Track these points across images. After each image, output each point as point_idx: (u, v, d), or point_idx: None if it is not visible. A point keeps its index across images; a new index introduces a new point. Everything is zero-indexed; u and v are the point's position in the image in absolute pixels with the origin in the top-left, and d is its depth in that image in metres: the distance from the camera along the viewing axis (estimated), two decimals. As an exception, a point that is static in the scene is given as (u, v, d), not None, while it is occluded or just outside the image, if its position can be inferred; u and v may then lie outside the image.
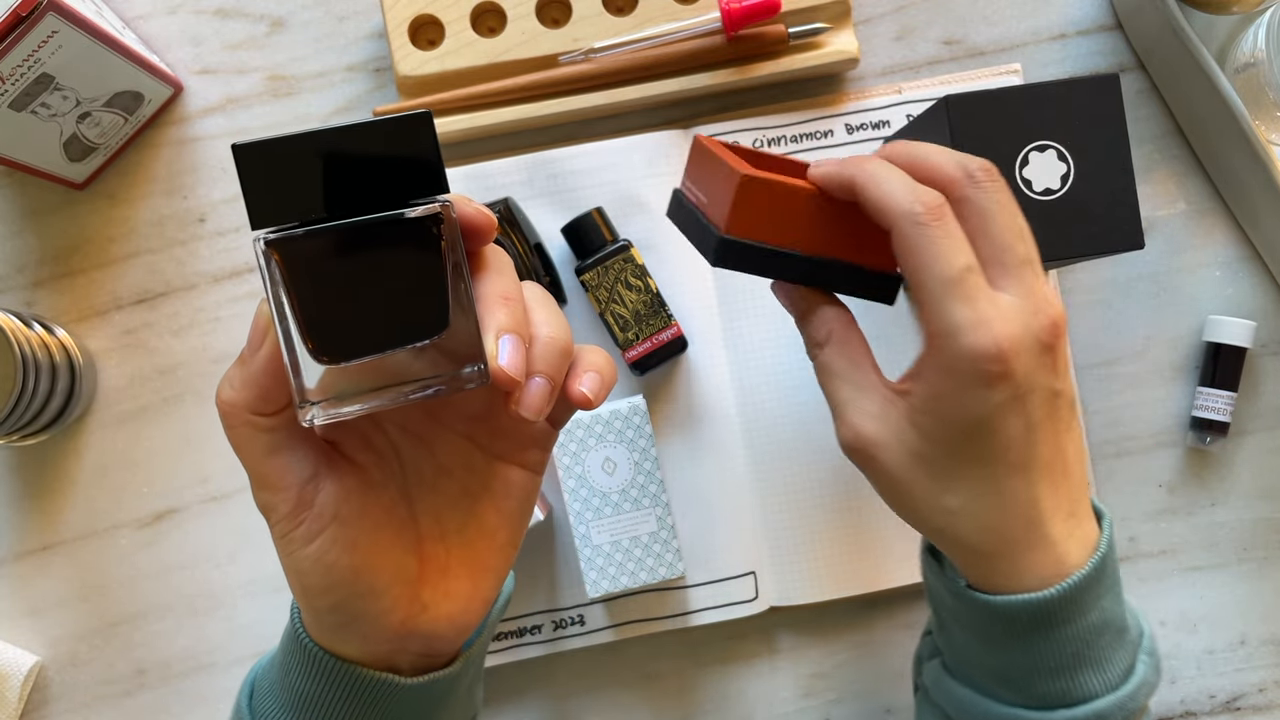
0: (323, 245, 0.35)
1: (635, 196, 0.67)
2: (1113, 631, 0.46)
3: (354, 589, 0.40)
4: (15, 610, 0.68)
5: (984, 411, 0.42)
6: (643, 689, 0.69)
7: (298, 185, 0.35)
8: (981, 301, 0.42)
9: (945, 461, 0.44)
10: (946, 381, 0.43)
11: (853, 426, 0.46)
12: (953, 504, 0.44)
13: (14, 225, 0.69)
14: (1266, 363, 0.70)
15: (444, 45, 0.67)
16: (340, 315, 0.36)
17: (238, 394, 0.39)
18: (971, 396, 0.42)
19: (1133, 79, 0.70)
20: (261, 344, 0.38)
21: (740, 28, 0.66)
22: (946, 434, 0.43)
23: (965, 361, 0.42)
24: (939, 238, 0.42)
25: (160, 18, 0.70)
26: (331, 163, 0.35)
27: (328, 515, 0.40)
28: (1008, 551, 0.45)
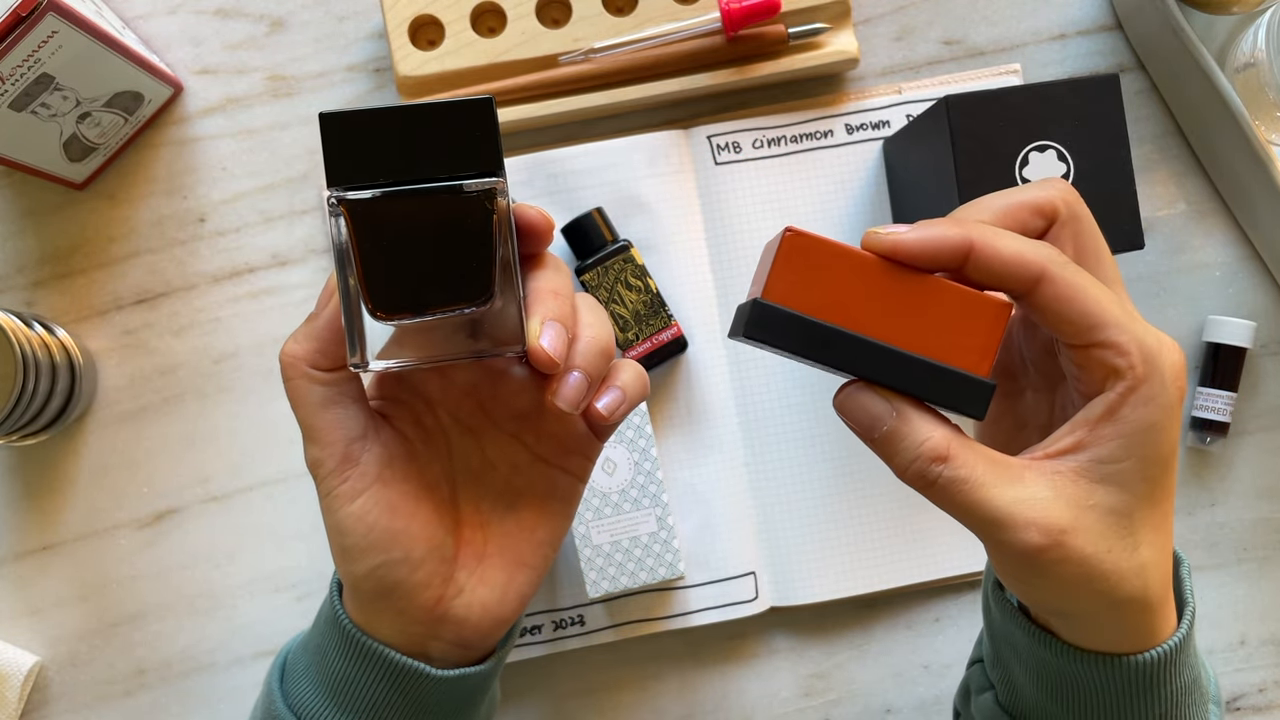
0: (386, 208, 0.38)
1: (635, 196, 0.67)
2: (1199, 690, 0.43)
3: (390, 554, 0.42)
4: (15, 610, 0.68)
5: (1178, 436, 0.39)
6: (643, 689, 0.69)
7: (370, 153, 0.38)
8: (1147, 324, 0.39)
9: (1142, 510, 0.38)
10: (1153, 412, 0.37)
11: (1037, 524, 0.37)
12: (1143, 558, 0.38)
13: (14, 225, 0.69)
14: (1266, 363, 0.70)
15: (444, 45, 0.67)
16: (396, 275, 0.39)
17: (299, 346, 0.41)
18: (1176, 420, 0.38)
19: (1133, 79, 0.70)
20: (329, 302, 0.41)
21: (740, 28, 0.66)
22: (1149, 473, 0.38)
23: (1172, 382, 0.38)
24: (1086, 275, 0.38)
25: (160, 18, 0.70)
26: (401, 135, 0.38)
27: (371, 475, 0.41)
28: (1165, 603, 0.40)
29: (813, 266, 0.37)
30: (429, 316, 0.39)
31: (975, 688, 0.49)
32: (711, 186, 0.68)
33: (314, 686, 0.44)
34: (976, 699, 0.49)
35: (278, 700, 0.45)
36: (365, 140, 0.38)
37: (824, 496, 0.67)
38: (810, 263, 0.37)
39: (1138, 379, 0.37)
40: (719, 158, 0.69)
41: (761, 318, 0.37)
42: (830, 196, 0.69)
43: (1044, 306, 0.37)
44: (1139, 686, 0.40)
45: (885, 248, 0.37)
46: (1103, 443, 0.38)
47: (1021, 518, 0.37)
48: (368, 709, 0.43)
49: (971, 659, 0.52)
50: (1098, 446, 0.38)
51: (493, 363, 0.44)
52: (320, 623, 0.46)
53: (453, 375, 0.45)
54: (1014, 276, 0.37)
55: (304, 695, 0.45)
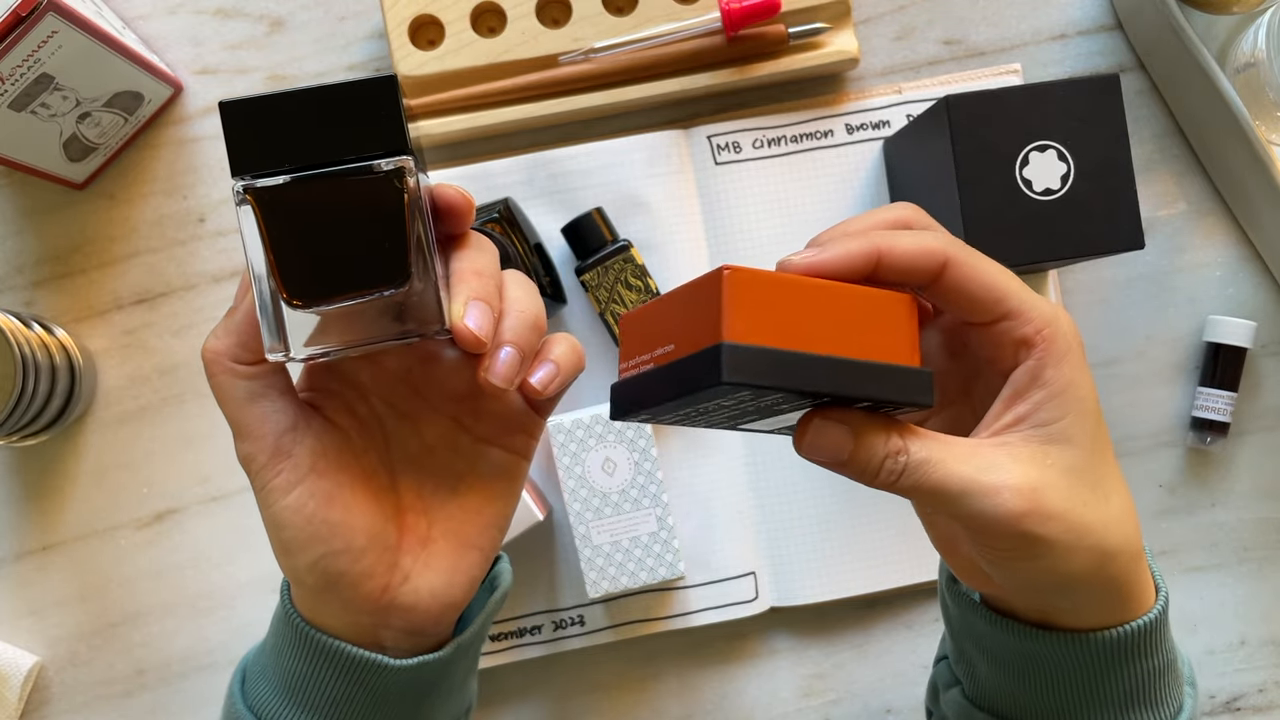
0: (293, 194, 0.38)
1: (635, 196, 0.67)
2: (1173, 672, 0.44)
3: (331, 545, 0.41)
4: (15, 610, 0.68)
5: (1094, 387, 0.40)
6: (643, 689, 0.69)
7: (274, 139, 0.38)
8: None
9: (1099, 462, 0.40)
10: (1068, 369, 0.39)
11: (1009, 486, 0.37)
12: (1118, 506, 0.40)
13: (14, 225, 0.69)
14: (1267, 363, 0.70)
15: (444, 45, 0.67)
16: (309, 261, 0.39)
17: (220, 342, 0.41)
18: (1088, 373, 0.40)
19: (1133, 79, 0.70)
20: (245, 295, 0.40)
21: (740, 28, 0.66)
22: (1088, 427, 0.39)
23: (1074, 339, 0.39)
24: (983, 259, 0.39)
25: (160, 18, 0.70)
26: (304, 119, 0.38)
27: (304, 467, 0.41)
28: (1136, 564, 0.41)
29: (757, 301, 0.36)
30: (346, 302, 0.39)
31: (942, 684, 0.50)
32: (711, 186, 0.68)
33: (272, 687, 0.44)
34: (944, 695, 0.50)
35: (238, 702, 0.45)
36: (268, 126, 0.38)
37: (824, 496, 0.67)
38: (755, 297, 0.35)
39: (1047, 340, 0.39)
40: (719, 158, 0.68)
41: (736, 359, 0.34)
42: (830, 196, 0.69)
43: (952, 288, 0.39)
44: (1107, 662, 0.41)
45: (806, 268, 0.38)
46: (1038, 408, 0.39)
47: (991, 484, 0.37)
48: (327, 705, 0.43)
49: (936, 657, 0.52)
50: (1036, 412, 0.39)
51: (424, 346, 0.44)
52: (274, 623, 0.45)
53: (384, 361, 0.44)
54: (921, 267, 0.39)
55: (263, 696, 0.44)
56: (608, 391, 0.67)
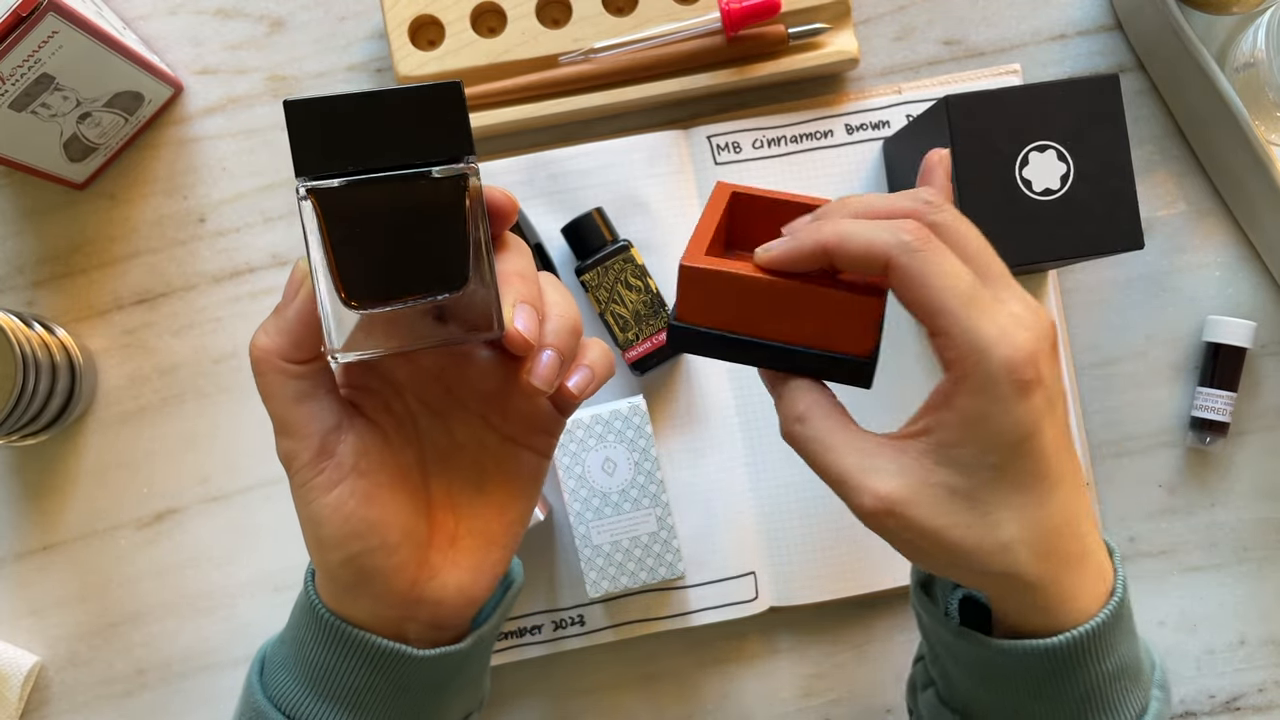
0: (356, 196, 0.38)
1: (635, 196, 0.67)
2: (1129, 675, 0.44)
3: (368, 542, 0.42)
4: (15, 610, 0.68)
5: (1027, 423, 0.39)
6: (643, 689, 0.69)
7: (339, 140, 0.38)
8: (1000, 313, 0.40)
9: (990, 492, 0.40)
10: (982, 402, 0.39)
11: (872, 490, 0.40)
12: (1006, 536, 0.40)
13: (14, 225, 0.69)
14: (1266, 363, 0.70)
15: (444, 45, 0.67)
16: (369, 264, 0.39)
17: (271, 340, 0.41)
18: (1013, 410, 0.39)
19: (1133, 79, 0.70)
20: (296, 293, 0.40)
21: (740, 28, 0.66)
22: (989, 460, 0.40)
23: (1002, 374, 0.39)
24: (940, 259, 0.40)
25: (161, 18, 0.70)
26: (370, 122, 0.38)
27: (347, 465, 0.41)
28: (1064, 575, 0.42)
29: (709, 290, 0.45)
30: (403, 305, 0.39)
31: (920, 684, 0.52)
32: (711, 187, 0.68)
33: (294, 678, 0.44)
34: (921, 695, 0.51)
35: (258, 693, 0.45)
36: (333, 127, 0.38)
37: (824, 496, 0.67)
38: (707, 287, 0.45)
39: (963, 371, 0.39)
40: (719, 158, 0.69)
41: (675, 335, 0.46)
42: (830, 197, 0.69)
43: (895, 291, 0.41)
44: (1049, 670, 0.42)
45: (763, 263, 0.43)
46: (941, 428, 0.41)
47: (861, 483, 0.41)
48: (349, 694, 0.43)
49: (915, 656, 0.54)
50: (938, 431, 0.41)
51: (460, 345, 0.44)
52: (296, 613, 0.46)
53: (420, 360, 0.45)
54: (867, 267, 0.41)
55: (284, 686, 0.45)
56: (609, 392, 0.67)
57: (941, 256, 0.40)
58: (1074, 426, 0.68)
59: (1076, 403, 0.69)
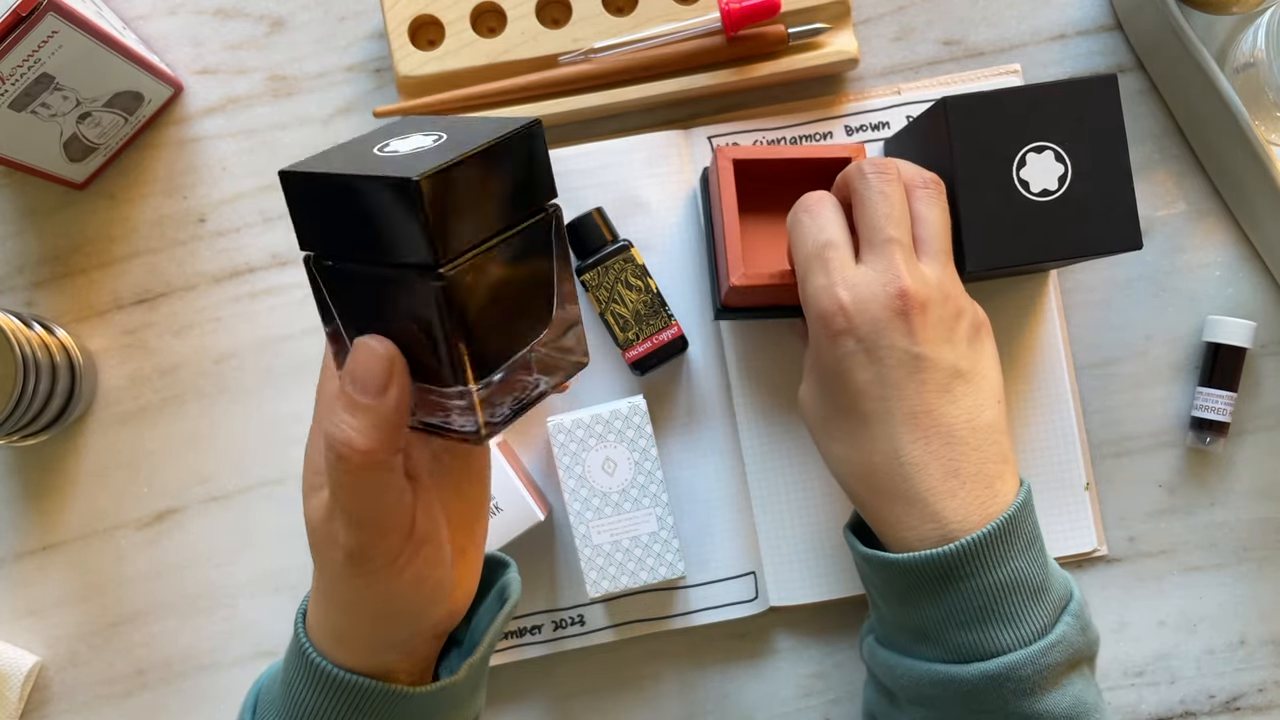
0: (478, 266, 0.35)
1: (635, 196, 0.67)
2: (1026, 591, 0.48)
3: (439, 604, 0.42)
4: (15, 610, 0.68)
5: (834, 361, 0.50)
6: (643, 689, 0.69)
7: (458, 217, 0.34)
8: (834, 271, 0.50)
9: (826, 409, 0.52)
10: (813, 338, 0.51)
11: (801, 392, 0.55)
12: (836, 450, 0.51)
13: (14, 225, 0.69)
14: (1266, 363, 0.70)
15: (444, 45, 0.67)
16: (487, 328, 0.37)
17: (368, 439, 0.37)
18: (826, 348, 0.50)
19: (1132, 79, 0.70)
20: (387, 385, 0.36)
21: (740, 28, 0.66)
22: (822, 384, 0.52)
23: (817, 319, 0.50)
24: (805, 222, 0.52)
25: (160, 18, 0.70)
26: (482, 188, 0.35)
27: (420, 538, 0.40)
28: (880, 502, 0.49)
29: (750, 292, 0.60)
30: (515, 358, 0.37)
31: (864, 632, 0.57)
32: (711, 186, 0.68)
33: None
34: (864, 642, 0.56)
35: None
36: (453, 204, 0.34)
37: (824, 496, 0.67)
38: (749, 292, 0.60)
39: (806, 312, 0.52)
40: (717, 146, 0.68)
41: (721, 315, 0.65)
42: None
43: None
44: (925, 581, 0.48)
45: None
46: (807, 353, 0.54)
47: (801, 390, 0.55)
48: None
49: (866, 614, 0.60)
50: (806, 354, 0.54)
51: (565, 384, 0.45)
52: (289, 655, 0.45)
53: None
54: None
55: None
56: (609, 392, 0.67)
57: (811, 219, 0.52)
58: (1073, 427, 0.68)
59: (1076, 402, 0.69)
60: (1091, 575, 0.69)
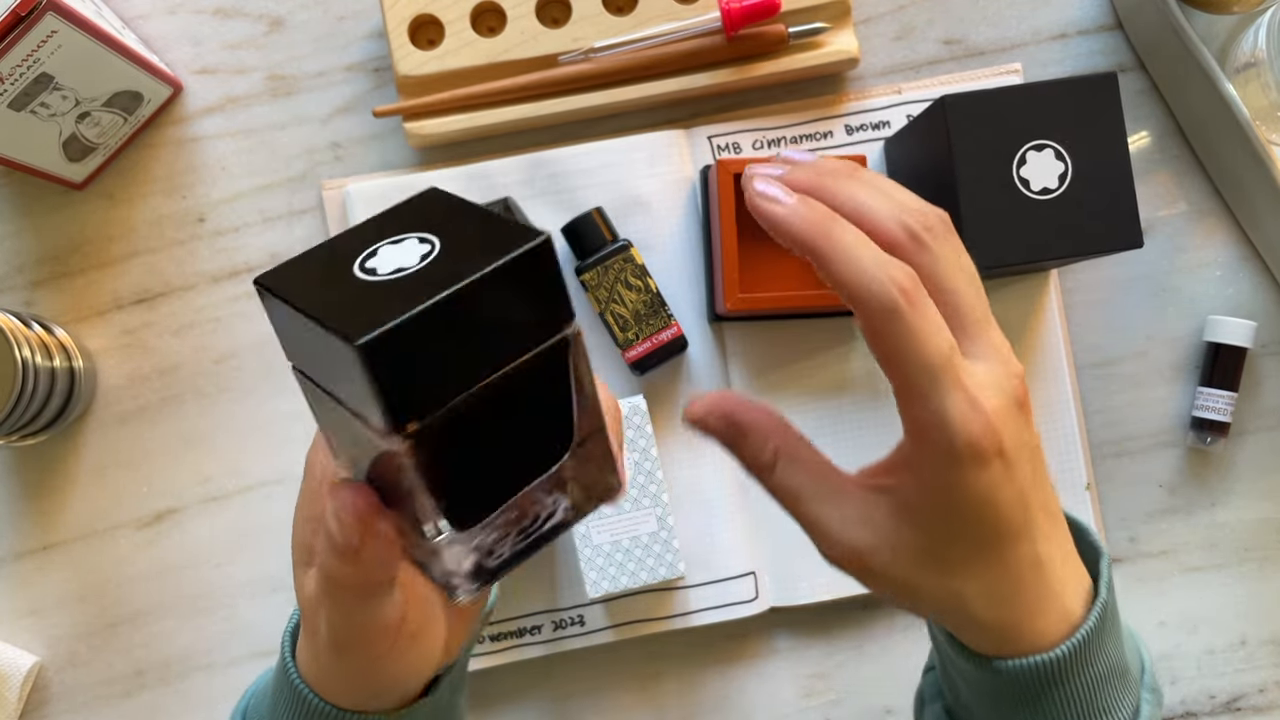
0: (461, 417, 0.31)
1: (635, 196, 0.67)
2: (1117, 677, 0.44)
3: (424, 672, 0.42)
4: (15, 610, 0.68)
5: (983, 493, 0.39)
6: (643, 689, 0.69)
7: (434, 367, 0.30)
8: (966, 382, 0.38)
9: (950, 551, 0.41)
10: (942, 472, 0.39)
11: (840, 542, 0.41)
12: (964, 589, 0.41)
13: (13, 225, 0.69)
14: (1267, 363, 0.69)
15: (444, 45, 0.67)
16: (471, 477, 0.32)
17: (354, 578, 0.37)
18: (971, 481, 0.39)
19: (1133, 79, 0.70)
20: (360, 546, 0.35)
21: (740, 27, 0.66)
22: (950, 525, 0.40)
23: (961, 448, 0.38)
24: (919, 324, 0.38)
25: (160, 17, 0.70)
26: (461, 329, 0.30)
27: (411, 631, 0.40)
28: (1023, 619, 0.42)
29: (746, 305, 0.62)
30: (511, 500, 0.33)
31: (928, 696, 0.52)
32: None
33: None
34: (930, 707, 0.51)
35: None
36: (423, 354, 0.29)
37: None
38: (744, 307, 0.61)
39: (925, 442, 0.39)
40: (719, 158, 0.68)
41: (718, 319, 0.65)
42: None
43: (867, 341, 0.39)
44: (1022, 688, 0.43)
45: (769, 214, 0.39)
46: (904, 488, 0.40)
47: (839, 537, 0.41)
48: None
49: (925, 667, 0.53)
50: (900, 492, 0.40)
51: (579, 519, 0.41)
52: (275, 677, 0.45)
53: None
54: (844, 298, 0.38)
55: None
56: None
57: (922, 319, 0.38)
58: (1074, 427, 0.68)
59: (1076, 402, 0.68)
60: (1092, 575, 0.69)
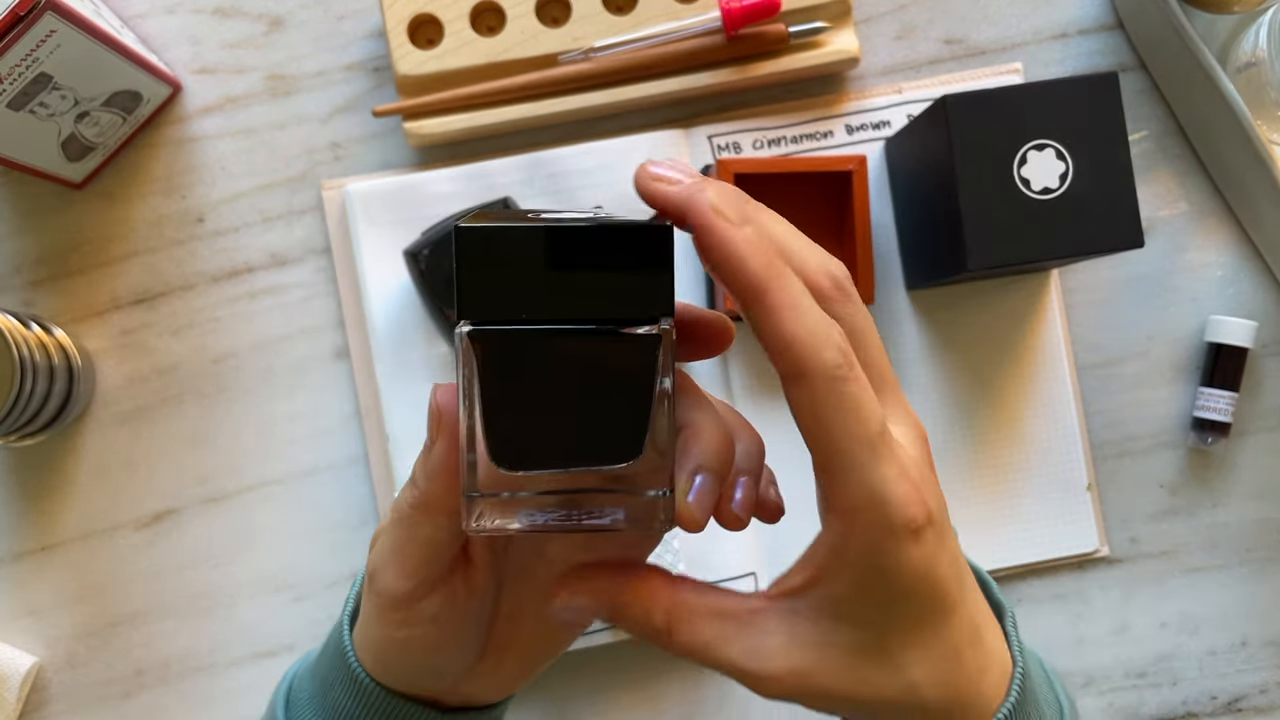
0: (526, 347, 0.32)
1: (635, 196, 0.67)
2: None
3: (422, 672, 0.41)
4: (13, 611, 0.68)
5: (920, 567, 0.36)
6: (642, 689, 0.68)
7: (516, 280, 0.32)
8: (896, 452, 0.35)
9: (894, 639, 0.37)
10: (877, 553, 0.35)
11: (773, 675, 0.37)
12: (915, 676, 0.37)
13: (12, 225, 0.69)
14: (1268, 363, 0.69)
15: (443, 44, 0.67)
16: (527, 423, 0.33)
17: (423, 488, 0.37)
18: (910, 557, 0.35)
19: (1134, 78, 0.70)
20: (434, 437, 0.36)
21: (740, 27, 0.66)
22: (890, 609, 0.36)
23: (900, 524, 0.35)
24: (859, 394, 0.34)
25: (159, 17, 0.70)
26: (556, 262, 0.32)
27: (426, 619, 0.39)
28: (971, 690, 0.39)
29: None
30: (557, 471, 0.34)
31: None
32: (711, 186, 0.68)
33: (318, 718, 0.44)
34: None
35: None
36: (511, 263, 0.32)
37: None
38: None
39: (855, 523, 0.35)
40: (719, 158, 0.68)
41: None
42: (830, 196, 0.68)
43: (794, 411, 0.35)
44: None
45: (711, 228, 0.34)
46: (831, 582, 0.36)
47: (762, 671, 0.36)
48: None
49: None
50: (827, 585, 0.36)
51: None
52: (329, 652, 0.44)
53: None
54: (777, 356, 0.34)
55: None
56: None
57: (862, 389, 0.34)
58: (1075, 427, 0.68)
59: (1078, 403, 0.68)
60: (1093, 576, 0.69)
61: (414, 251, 0.63)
